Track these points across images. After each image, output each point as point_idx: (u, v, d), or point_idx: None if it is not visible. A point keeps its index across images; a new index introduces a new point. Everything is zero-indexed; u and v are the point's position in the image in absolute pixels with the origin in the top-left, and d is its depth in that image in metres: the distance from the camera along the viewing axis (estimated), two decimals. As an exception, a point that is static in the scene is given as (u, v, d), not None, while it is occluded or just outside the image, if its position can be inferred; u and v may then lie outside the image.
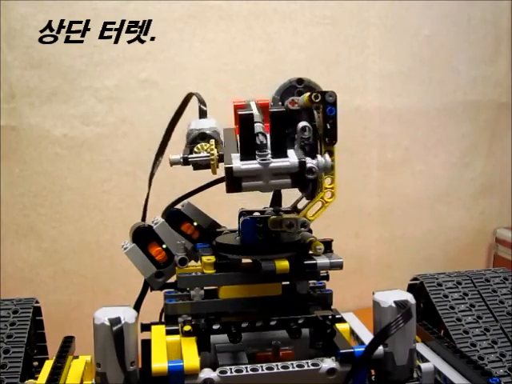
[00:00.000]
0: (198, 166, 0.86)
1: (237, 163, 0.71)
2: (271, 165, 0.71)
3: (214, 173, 0.84)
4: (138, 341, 0.78)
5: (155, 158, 0.95)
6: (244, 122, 0.72)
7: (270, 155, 0.72)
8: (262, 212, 0.91)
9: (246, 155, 0.72)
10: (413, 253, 2.15)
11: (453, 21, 2.09)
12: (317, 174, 0.74)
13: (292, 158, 0.73)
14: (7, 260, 1.72)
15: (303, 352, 0.84)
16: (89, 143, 1.72)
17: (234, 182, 0.71)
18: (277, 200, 0.94)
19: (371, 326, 0.85)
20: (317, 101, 0.78)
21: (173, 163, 0.86)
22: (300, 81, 0.89)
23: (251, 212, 0.90)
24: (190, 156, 0.85)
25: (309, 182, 0.80)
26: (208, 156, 0.84)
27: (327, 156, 0.76)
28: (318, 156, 0.77)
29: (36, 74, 1.65)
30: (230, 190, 0.72)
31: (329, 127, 0.79)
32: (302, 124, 0.80)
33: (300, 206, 0.91)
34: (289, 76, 0.86)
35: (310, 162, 0.73)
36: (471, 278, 1.11)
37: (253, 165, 0.71)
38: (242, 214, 0.89)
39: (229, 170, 0.71)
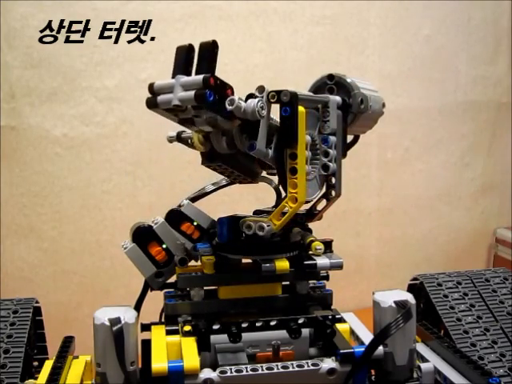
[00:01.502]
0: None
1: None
2: (181, 79, 0.73)
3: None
4: (138, 341, 0.78)
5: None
6: (176, 51, 0.78)
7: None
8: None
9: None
10: (413, 253, 2.15)
11: (453, 21, 2.09)
12: (236, 108, 0.72)
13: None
14: (7, 260, 1.72)
15: (303, 352, 0.84)
16: (89, 143, 1.72)
17: (152, 98, 0.74)
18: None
19: (371, 325, 0.85)
20: (273, 100, 0.75)
21: (170, 140, 0.91)
22: (331, 77, 0.87)
23: (263, 212, 0.90)
24: (183, 132, 0.89)
25: (228, 113, 0.75)
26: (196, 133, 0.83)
27: (256, 100, 0.73)
28: (250, 99, 0.74)
29: (36, 74, 1.65)
30: (148, 105, 0.75)
31: (285, 128, 0.76)
32: None
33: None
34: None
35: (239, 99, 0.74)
36: (471, 278, 1.11)
37: (169, 80, 0.74)
38: (255, 212, 0.90)
39: (150, 87, 0.75)
